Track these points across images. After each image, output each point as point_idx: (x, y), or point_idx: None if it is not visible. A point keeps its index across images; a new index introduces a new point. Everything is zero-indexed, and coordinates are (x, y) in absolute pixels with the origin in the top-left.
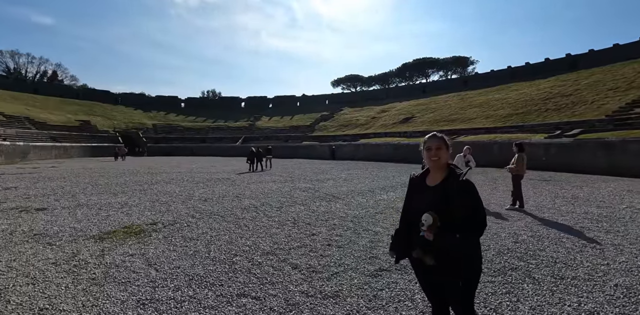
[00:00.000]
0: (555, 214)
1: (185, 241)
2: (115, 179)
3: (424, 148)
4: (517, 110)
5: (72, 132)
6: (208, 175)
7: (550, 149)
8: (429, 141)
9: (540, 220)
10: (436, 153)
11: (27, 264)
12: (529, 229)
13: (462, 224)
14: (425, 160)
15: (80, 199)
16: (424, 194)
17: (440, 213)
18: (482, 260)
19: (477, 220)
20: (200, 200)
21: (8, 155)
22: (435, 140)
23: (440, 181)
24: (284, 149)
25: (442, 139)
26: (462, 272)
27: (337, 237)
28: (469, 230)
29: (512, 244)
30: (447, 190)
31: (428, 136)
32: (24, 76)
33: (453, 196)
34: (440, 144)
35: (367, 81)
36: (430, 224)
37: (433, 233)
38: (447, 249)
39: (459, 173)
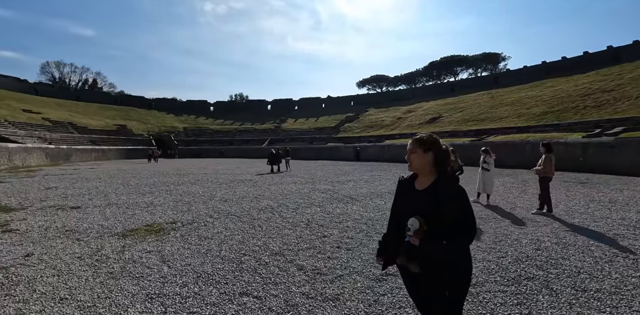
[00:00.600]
0: (586, 220)
1: (199, 240)
2: (145, 179)
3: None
4: (553, 108)
5: (110, 135)
6: (232, 176)
7: (588, 148)
8: (409, 144)
9: (569, 226)
10: (409, 157)
11: (55, 257)
12: (554, 235)
13: (450, 229)
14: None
15: (111, 198)
16: (412, 197)
17: (427, 218)
18: (472, 270)
19: (466, 225)
20: (221, 200)
21: (53, 158)
22: (410, 143)
23: (428, 185)
24: (309, 151)
25: (418, 142)
26: (447, 279)
27: (348, 239)
28: (457, 236)
29: (533, 252)
30: (436, 194)
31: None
32: (68, 84)
33: (442, 200)
34: (413, 148)
35: (393, 81)
36: (416, 229)
37: (419, 238)
38: (433, 255)
39: (449, 178)
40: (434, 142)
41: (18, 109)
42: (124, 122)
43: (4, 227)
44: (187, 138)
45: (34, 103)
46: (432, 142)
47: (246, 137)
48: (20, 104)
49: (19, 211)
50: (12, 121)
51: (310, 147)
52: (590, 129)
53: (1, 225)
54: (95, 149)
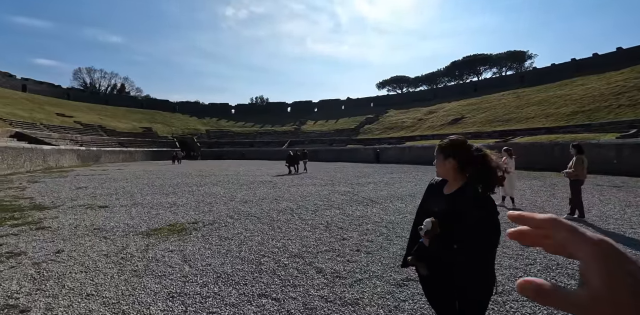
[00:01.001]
0: (623, 226)
1: (220, 240)
2: (169, 180)
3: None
4: (583, 108)
5: (137, 138)
6: (252, 178)
7: (623, 150)
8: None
9: (603, 232)
10: (436, 163)
11: (84, 254)
12: None
13: (465, 236)
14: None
15: (137, 198)
16: (436, 200)
17: (443, 221)
18: (498, 278)
19: (483, 234)
20: (241, 202)
21: (83, 159)
22: (436, 149)
23: (454, 190)
24: (328, 153)
25: (438, 148)
26: (456, 284)
27: (368, 242)
28: (470, 247)
29: (564, 260)
30: (460, 201)
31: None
32: (98, 89)
33: (464, 208)
34: (435, 154)
35: (414, 82)
36: (428, 229)
37: (429, 239)
38: (441, 258)
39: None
40: (456, 147)
41: (52, 113)
42: (149, 124)
43: (37, 225)
44: (209, 140)
45: (67, 107)
46: (453, 147)
47: (266, 139)
48: (54, 108)
49: (52, 209)
50: (47, 124)
51: (329, 149)
52: (625, 130)
53: (35, 223)
54: (122, 150)
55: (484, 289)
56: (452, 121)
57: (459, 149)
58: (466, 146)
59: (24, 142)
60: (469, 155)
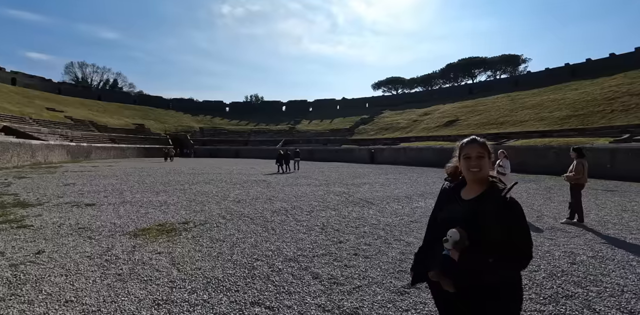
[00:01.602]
0: (622, 231)
1: (211, 242)
2: (160, 178)
3: (462, 156)
4: (577, 112)
5: (129, 134)
6: (246, 177)
7: (616, 154)
8: (468, 147)
9: (604, 237)
10: (477, 163)
11: (65, 255)
12: (589, 247)
13: (499, 251)
14: (463, 171)
15: (126, 196)
16: (455, 208)
17: (471, 231)
18: (523, 294)
19: (519, 249)
20: (234, 201)
21: (74, 155)
22: (476, 146)
23: (477, 195)
24: (323, 153)
25: (484, 145)
26: (487, 309)
27: (366, 246)
28: (506, 260)
29: (568, 266)
30: (485, 208)
31: (466, 141)
32: (90, 84)
33: (491, 216)
34: (482, 152)
35: (409, 83)
36: (456, 241)
37: (459, 252)
38: (473, 274)
39: (502, 188)
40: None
41: (42, 107)
42: (142, 121)
43: (19, 223)
44: (203, 138)
45: (58, 102)
46: (490, 146)
47: (261, 138)
48: (45, 103)
49: (36, 207)
50: (36, 119)
51: (324, 149)
52: (618, 134)
53: (17, 221)
54: (114, 147)
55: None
56: (446, 123)
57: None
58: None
59: (11, 137)
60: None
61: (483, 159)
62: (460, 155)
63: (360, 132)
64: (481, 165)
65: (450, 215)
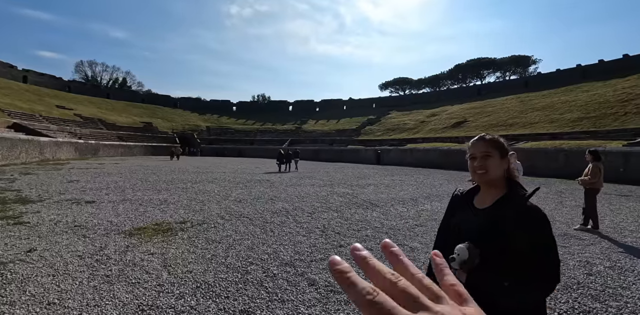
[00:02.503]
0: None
1: (207, 243)
2: (164, 176)
3: (468, 156)
4: (589, 114)
5: (136, 132)
6: (250, 176)
7: (630, 158)
8: (474, 146)
9: (621, 246)
10: (481, 164)
11: (56, 254)
12: (605, 257)
13: (516, 268)
14: (470, 173)
15: (128, 194)
16: (467, 217)
17: (483, 247)
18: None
19: (543, 269)
20: (235, 201)
21: (81, 152)
22: (480, 144)
23: (492, 203)
24: (329, 153)
25: (492, 142)
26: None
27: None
28: (526, 284)
29: (584, 277)
30: (501, 217)
31: (473, 140)
32: (99, 83)
33: (509, 227)
34: (488, 150)
35: (417, 84)
36: (464, 260)
37: (466, 273)
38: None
39: (522, 194)
40: (504, 146)
41: (52, 105)
42: (150, 119)
43: (16, 220)
44: (210, 137)
45: (67, 100)
46: (504, 145)
47: (267, 137)
48: (55, 101)
49: (36, 203)
50: (46, 116)
51: (330, 149)
52: (632, 138)
53: (14, 218)
54: (122, 144)
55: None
56: (454, 124)
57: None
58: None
59: (21, 133)
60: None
61: (490, 159)
62: (468, 156)
63: (366, 132)
64: (487, 166)
65: (463, 225)
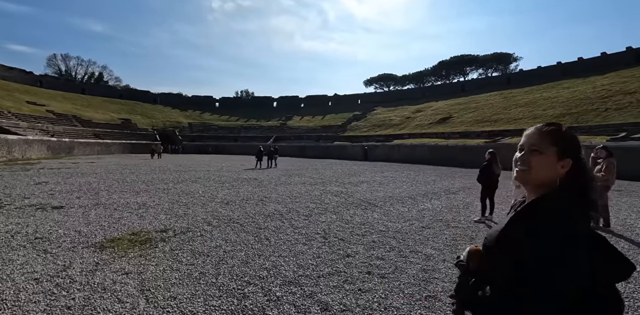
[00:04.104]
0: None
1: (193, 257)
2: (143, 176)
3: (518, 146)
4: (571, 110)
5: (114, 129)
6: (236, 174)
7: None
8: (526, 136)
9: (636, 245)
10: (525, 159)
11: (7, 278)
12: (634, 261)
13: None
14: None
15: (102, 197)
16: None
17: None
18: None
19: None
20: (222, 203)
21: (54, 151)
22: (533, 135)
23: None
24: (315, 149)
25: (551, 134)
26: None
27: (379, 260)
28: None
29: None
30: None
31: (529, 129)
32: (74, 77)
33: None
34: (538, 143)
35: (401, 80)
36: (461, 260)
37: (459, 278)
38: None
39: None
40: (571, 142)
41: (22, 100)
42: (128, 116)
43: None
44: (192, 133)
45: (39, 95)
46: (572, 142)
47: (251, 134)
48: (25, 96)
49: None
50: (15, 113)
51: (316, 146)
52: (614, 133)
53: None
54: (98, 142)
55: None
56: (440, 120)
57: (578, 148)
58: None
59: None
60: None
61: (538, 155)
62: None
63: (352, 128)
64: (532, 163)
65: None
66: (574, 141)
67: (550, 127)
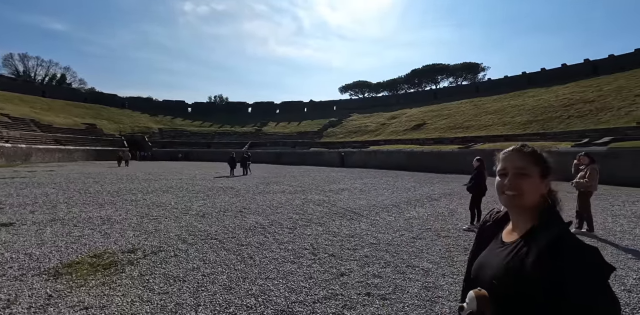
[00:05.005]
0: (637, 241)
1: (167, 283)
2: (109, 186)
3: (497, 170)
4: (537, 117)
5: (78, 135)
6: (210, 183)
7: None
8: (506, 159)
9: (629, 251)
10: (514, 184)
11: None
12: (624, 265)
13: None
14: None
15: (60, 211)
16: (492, 255)
17: (501, 296)
18: None
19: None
20: (197, 216)
21: (9, 158)
22: (516, 157)
23: (521, 235)
24: (292, 156)
25: (533, 156)
26: None
27: (376, 279)
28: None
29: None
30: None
31: (507, 150)
32: (33, 79)
33: (534, 267)
34: (524, 166)
35: (375, 87)
36: (473, 311)
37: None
38: None
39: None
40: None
41: None
42: (93, 120)
43: None
44: (163, 139)
45: None
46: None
47: (225, 140)
48: None
49: None
50: None
51: (293, 152)
52: (577, 139)
53: None
54: (59, 149)
55: None
56: (414, 127)
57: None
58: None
59: None
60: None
61: (527, 179)
62: (497, 172)
63: (329, 134)
64: (521, 187)
65: (486, 261)
66: (548, 160)
67: (528, 148)
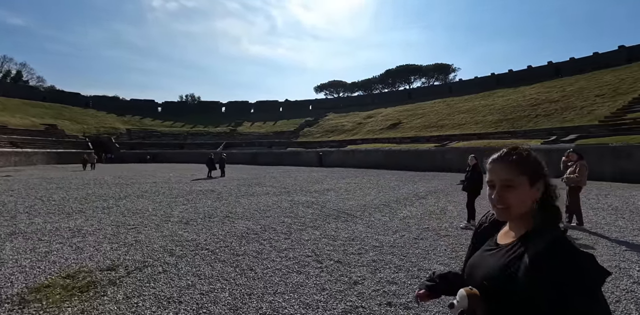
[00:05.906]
0: (625, 233)
1: (160, 307)
2: (75, 192)
3: (487, 182)
4: (506, 116)
5: (36, 136)
6: (188, 186)
7: (551, 154)
8: (492, 170)
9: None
10: (502, 197)
11: None
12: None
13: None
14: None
15: (21, 222)
16: (485, 258)
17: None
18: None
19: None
20: (181, 223)
21: None
22: (501, 167)
23: (516, 239)
24: (268, 156)
25: (519, 164)
26: None
27: (392, 285)
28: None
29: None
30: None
31: (493, 157)
32: None
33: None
34: (510, 178)
35: (350, 87)
36: (462, 309)
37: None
38: None
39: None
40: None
41: None
42: (54, 121)
43: None
44: (131, 141)
45: None
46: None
47: (199, 141)
48: None
49: None
50: None
51: (269, 152)
52: (546, 136)
53: None
54: (15, 152)
55: None
56: (390, 126)
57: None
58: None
59: None
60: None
61: (513, 191)
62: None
63: (305, 134)
64: (508, 201)
65: (479, 261)
66: (538, 161)
67: (514, 155)
